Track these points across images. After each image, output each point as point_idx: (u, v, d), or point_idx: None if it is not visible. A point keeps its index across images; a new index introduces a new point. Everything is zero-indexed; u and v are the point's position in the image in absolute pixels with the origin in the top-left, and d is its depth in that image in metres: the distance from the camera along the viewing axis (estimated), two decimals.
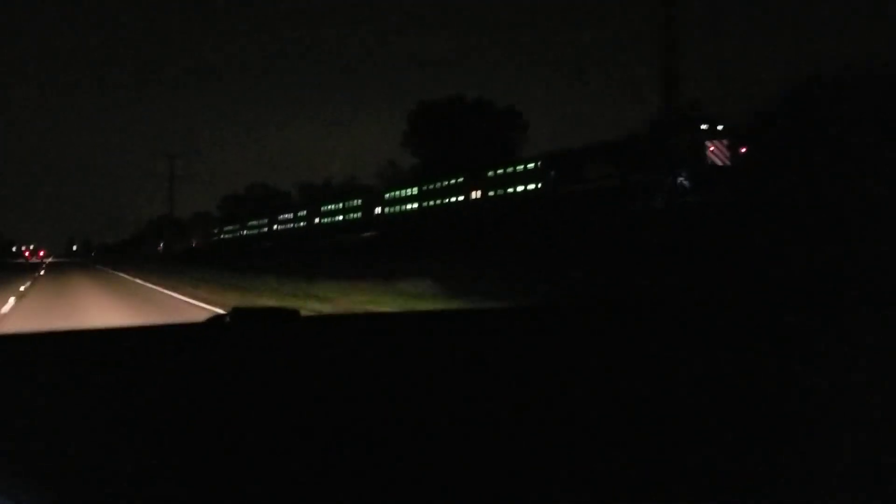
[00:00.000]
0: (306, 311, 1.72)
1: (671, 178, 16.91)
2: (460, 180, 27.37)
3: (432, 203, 29.17)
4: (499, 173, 25.13)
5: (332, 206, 39.00)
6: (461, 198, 27.19)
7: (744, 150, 16.66)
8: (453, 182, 27.87)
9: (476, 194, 26.24)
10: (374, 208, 33.70)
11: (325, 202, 40.52)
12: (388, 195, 33.17)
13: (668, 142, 18.03)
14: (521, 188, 23.74)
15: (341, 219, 37.27)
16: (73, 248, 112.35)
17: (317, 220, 40.35)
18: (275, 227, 47.32)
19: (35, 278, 23.95)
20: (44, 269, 36.51)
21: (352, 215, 35.96)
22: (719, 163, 16.83)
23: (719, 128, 17.28)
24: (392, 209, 32.41)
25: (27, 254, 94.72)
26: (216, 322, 1.47)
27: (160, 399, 1.15)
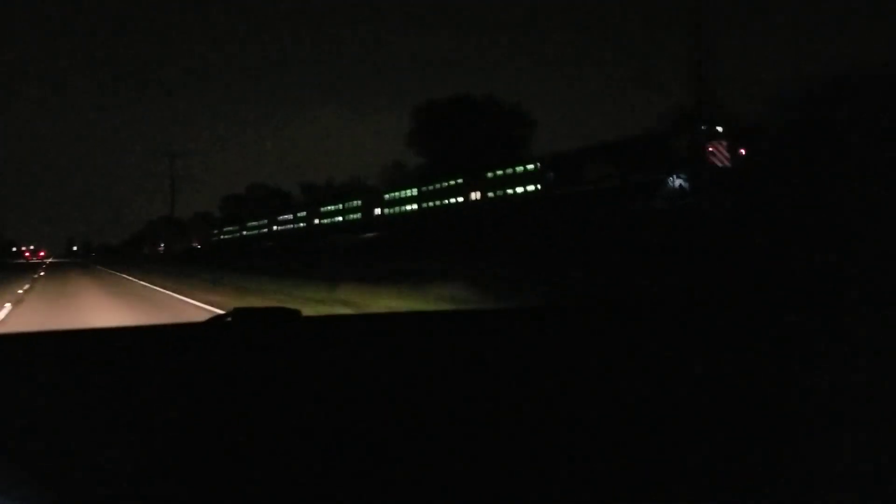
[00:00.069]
0: None
1: (671, 178, 16.94)
2: (459, 181, 27.40)
3: (432, 204, 29.21)
4: (498, 174, 25.15)
5: (331, 207, 39.05)
6: (460, 199, 27.22)
7: (743, 151, 16.69)
8: (452, 183, 27.90)
9: (475, 195, 26.27)
10: (374, 209, 33.75)
11: (325, 203, 40.56)
12: (388, 196, 33.21)
13: (668, 143, 18.06)
14: (520, 189, 23.77)
15: (341, 219, 37.32)
16: (74, 248, 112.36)
17: (317, 221, 40.40)
18: (275, 227, 47.37)
19: (34, 280, 23.58)
20: (44, 270, 36.30)
21: (352, 216, 36.01)
22: (719, 164, 16.86)
23: (719, 129, 17.31)
24: (392, 210, 32.45)
25: (27, 254, 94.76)
26: (218, 322, 1.47)
27: (161, 398, 1.15)
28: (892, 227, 7.64)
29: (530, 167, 23.87)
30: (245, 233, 54.30)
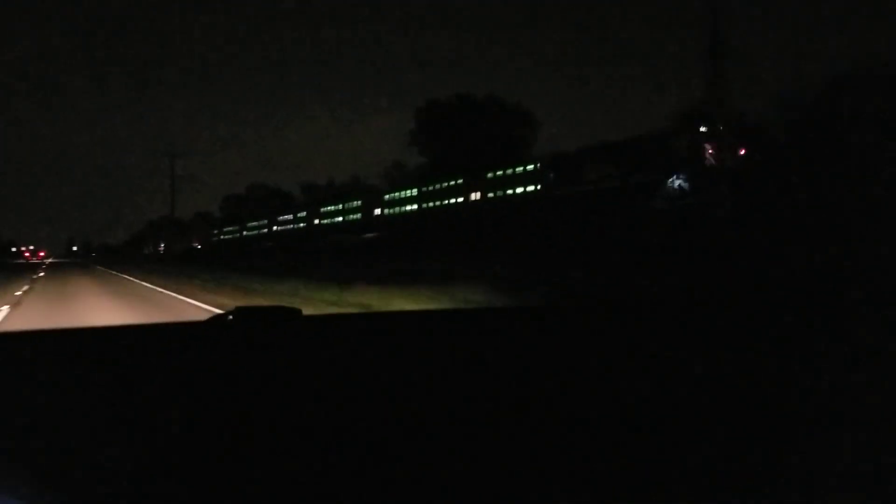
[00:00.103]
0: None
1: (671, 179, 16.95)
2: (459, 182, 27.40)
3: (431, 204, 29.21)
4: (498, 175, 25.15)
5: (331, 208, 39.06)
6: (460, 199, 27.22)
7: (743, 151, 16.70)
8: (452, 184, 27.90)
9: (475, 196, 26.27)
10: (374, 209, 33.76)
11: (325, 203, 40.58)
12: (388, 196, 33.23)
13: (668, 143, 18.07)
14: (520, 189, 23.76)
15: (341, 220, 37.34)
16: (74, 248, 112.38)
17: (317, 221, 40.42)
18: (275, 227, 47.37)
19: (33, 280, 23.33)
20: (43, 270, 36.16)
21: (352, 216, 36.03)
22: (707, 164, 16.87)
23: (719, 129, 17.32)
24: (392, 210, 32.46)
25: (27, 254, 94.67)
26: (219, 321, 1.47)
27: (162, 397, 1.15)
28: (893, 227, 7.64)
29: (530, 167, 23.87)
30: (245, 233, 54.30)
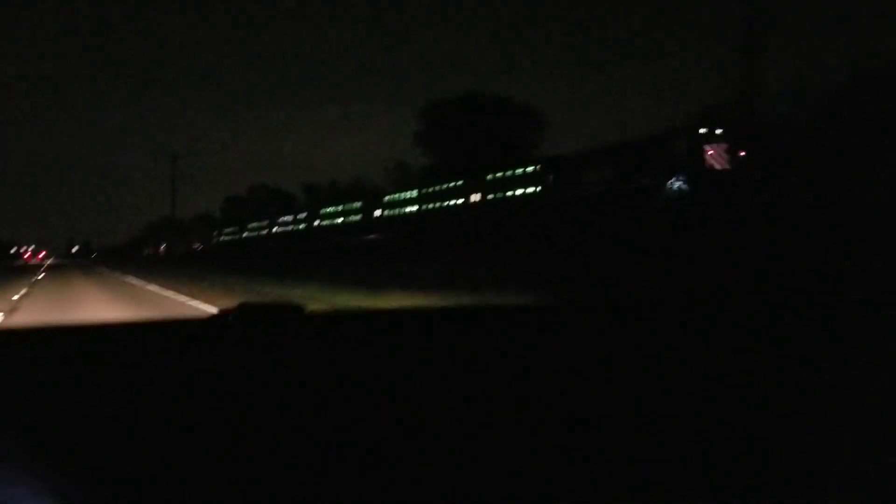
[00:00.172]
0: None
1: (671, 181, 16.96)
2: (459, 183, 27.40)
3: (431, 206, 29.21)
4: (498, 177, 25.15)
5: (331, 209, 39.06)
6: (460, 201, 27.22)
7: (743, 153, 16.71)
8: (453, 185, 27.90)
9: (475, 197, 26.27)
10: (374, 211, 33.76)
11: (326, 205, 40.58)
12: (388, 198, 33.23)
13: (667, 145, 18.08)
14: (520, 191, 23.76)
15: (341, 221, 37.33)
16: (74, 249, 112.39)
17: (317, 223, 40.41)
18: (275, 229, 47.36)
19: (32, 283, 22.78)
20: (43, 271, 35.94)
21: (352, 218, 36.02)
22: (718, 167, 16.87)
23: (718, 132, 17.32)
24: (391, 212, 32.46)
25: (27, 255, 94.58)
26: (221, 318, 1.47)
27: (163, 396, 1.15)
28: (893, 227, 7.64)
29: (530, 169, 23.87)
30: (245, 234, 54.28)
